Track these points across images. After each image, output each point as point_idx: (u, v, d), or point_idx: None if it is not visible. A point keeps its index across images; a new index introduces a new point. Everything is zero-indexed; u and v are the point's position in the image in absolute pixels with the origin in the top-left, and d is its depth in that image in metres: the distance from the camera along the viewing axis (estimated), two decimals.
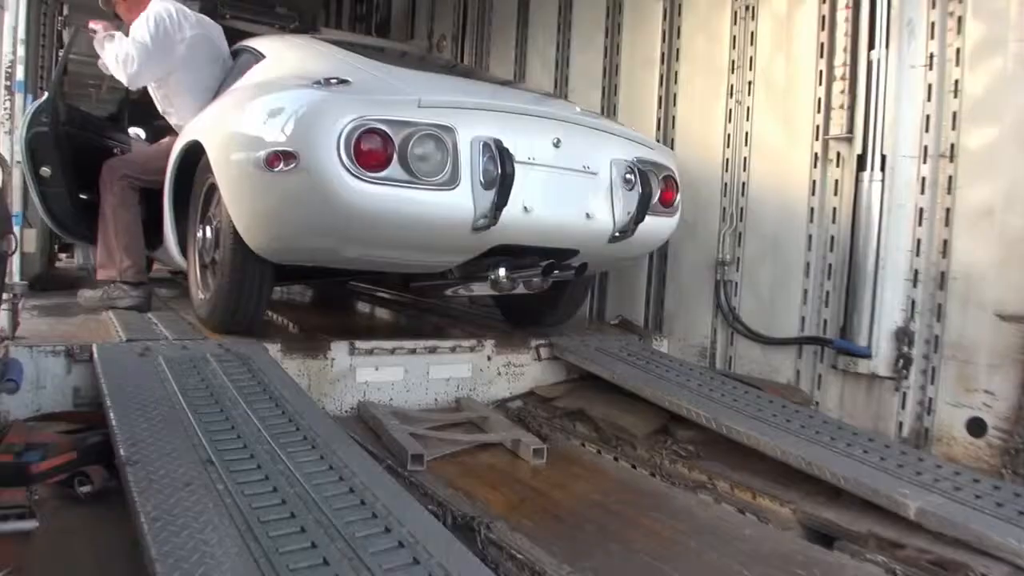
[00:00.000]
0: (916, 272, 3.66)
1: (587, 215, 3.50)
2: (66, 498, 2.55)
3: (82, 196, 4.95)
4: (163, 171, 4.10)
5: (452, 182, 3.07)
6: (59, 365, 3.15)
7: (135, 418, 2.49)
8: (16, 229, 2.97)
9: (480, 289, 3.73)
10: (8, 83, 3.30)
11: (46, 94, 4.92)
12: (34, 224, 5.13)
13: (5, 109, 3.19)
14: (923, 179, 3.64)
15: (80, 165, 4.84)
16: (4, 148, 3.19)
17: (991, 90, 3.44)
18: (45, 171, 4.71)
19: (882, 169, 3.73)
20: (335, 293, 6.45)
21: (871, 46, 3.78)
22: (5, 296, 2.75)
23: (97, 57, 4.48)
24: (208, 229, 3.77)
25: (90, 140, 5.10)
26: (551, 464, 3.26)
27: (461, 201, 3.09)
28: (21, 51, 4.27)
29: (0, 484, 2.11)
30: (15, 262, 3.01)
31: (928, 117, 3.63)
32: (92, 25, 4.56)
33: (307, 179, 2.97)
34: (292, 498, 2.06)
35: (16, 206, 3.58)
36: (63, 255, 9.03)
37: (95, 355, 3.08)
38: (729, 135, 4.63)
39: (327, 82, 3.16)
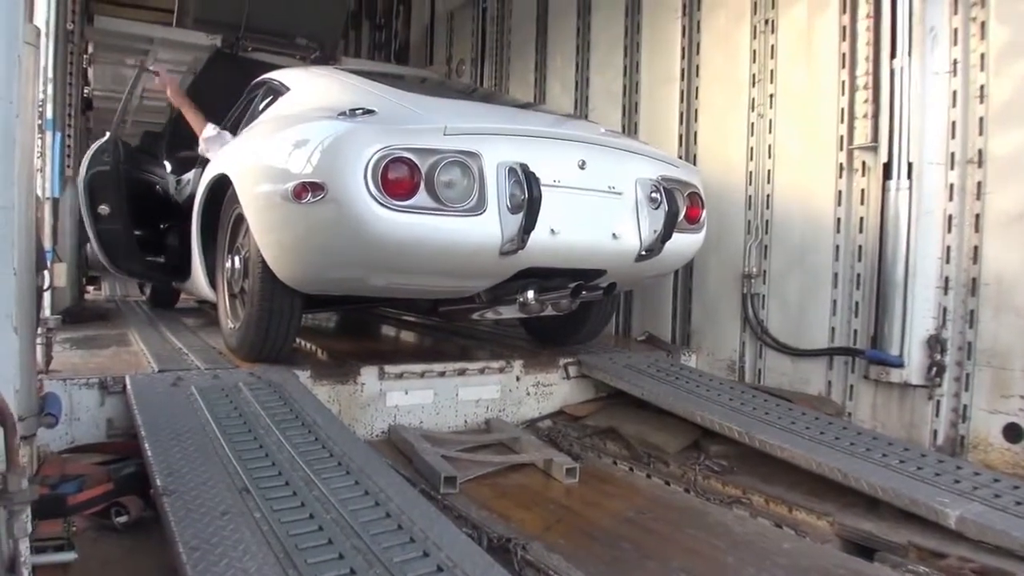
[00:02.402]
0: (947, 279, 3.63)
1: (614, 235, 3.49)
2: (103, 529, 2.56)
3: (136, 232, 5.04)
4: None
5: (479, 208, 3.08)
6: (92, 397, 3.19)
7: (170, 448, 2.51)
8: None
9: (509, 312, 3.74)
10: (40, 122, 3.37)
11: (107, 133, 5.05)
12: (64, 258, 5.22)
13: (37, 147, 3.27)
14: (951, 185, 3.62)
15: (134, 202, 4.93)
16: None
17: (1018, 94, 3.41)
18: (104, 209, 4.84)
19: (909, 177, 3.71)
20: (360, 318, 6.49)
21: (893, 54, 3.76)
22: (39, 330, 2.79)
23: (122, 92, 4.66)
24: (236, 259, 3.82)
25: (140, 177, 5.20)
26: (584, 483, 3.26)
27: (489, 226, 3.10)
28: (50, 90, 4.39)
29: (38, 516, 2.14)
30: (47, 297, 3.05)
31: (954, 123, 3.60)
32: (153, 68, 4.72)
33: (335, 209, 2.99)
34: (329, 524, 2.07)
35: (47, 242, 3.64)
36: (91, 288, 9.17)
37: (128, 387, 3.12)
38: (752, 148, 4.62)
39: (352, 113, 3.19)
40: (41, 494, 2.37)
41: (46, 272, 2.74)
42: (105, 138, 5.00)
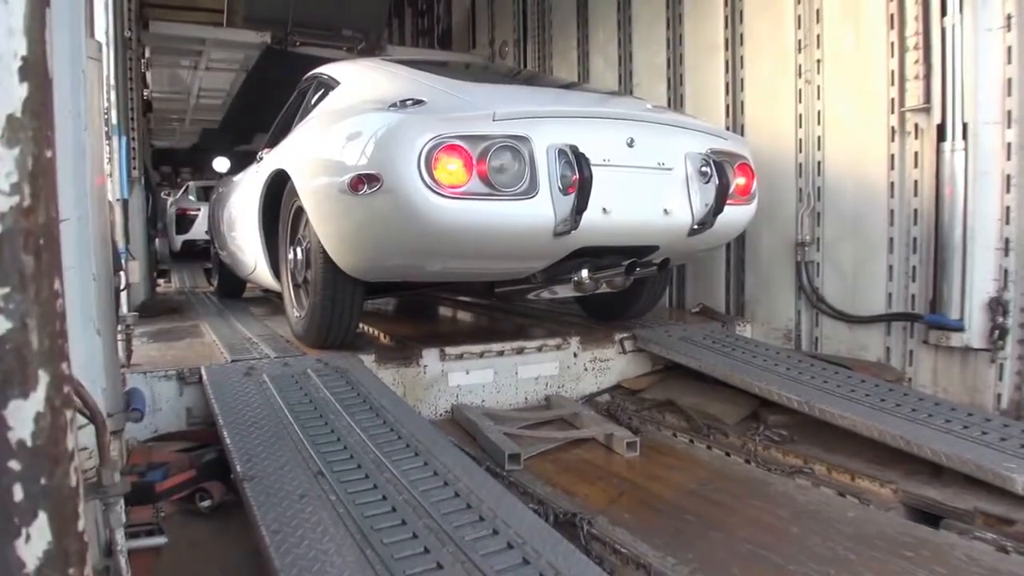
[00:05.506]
0: (1007, 240, 3.57)
1: (665, 211, 3.49)
2: (189, 513, 2.70)
3: None
4: None
5: (531, 191, 3.10)
6: (172, 388, 3.33)
7: (247, 435, 2.60)
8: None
9: (564, 291, 3.79)
10: (106, 128, 3.48)
11: None
12: (136, 255, 5.37)
13: (105, 153, 3.39)
14: (1008, 144, 3.54)
15: None
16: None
17: None
18: None
19: (964, 138, 3.64)
20: (418, 302, 6.58)
21: (944, 12, 3.68)
22: (119, 328, 2.90)
23: (180, 93, 4.76)
24: (298, 250, 3.92)
25: None
26: (645, 456, 3.30)
27: (541, 209, 3.12)
28: (113, 96, 4.54)
29: (129, 503, 2.23)
30: (123, 295, 3.17)
31: (1009, 80, 3.52)
32: None
33: (391, 199, 3.04)
34: (401, 505, 2.13)
35: (120, 242, 3.80)
36: (161, 281, 9.50)
37: (204, 377, 3.24)
38: (800, 115, 4.57)
39: (402, 104, 3.23)
40: (132, 482, 2.49)
41: (122, 272, 2.85)
42: None
